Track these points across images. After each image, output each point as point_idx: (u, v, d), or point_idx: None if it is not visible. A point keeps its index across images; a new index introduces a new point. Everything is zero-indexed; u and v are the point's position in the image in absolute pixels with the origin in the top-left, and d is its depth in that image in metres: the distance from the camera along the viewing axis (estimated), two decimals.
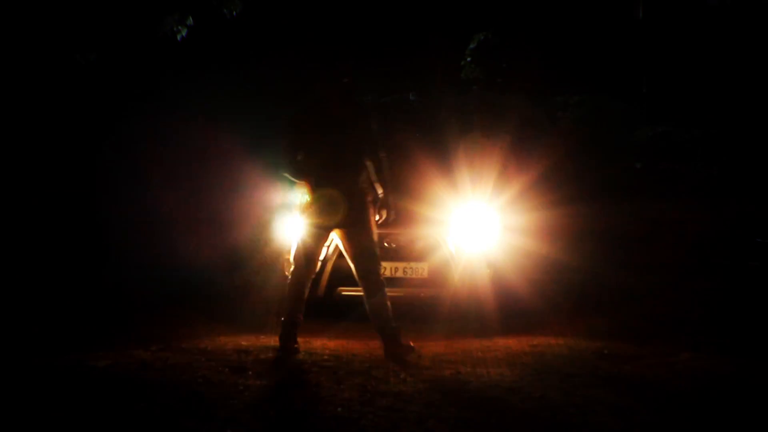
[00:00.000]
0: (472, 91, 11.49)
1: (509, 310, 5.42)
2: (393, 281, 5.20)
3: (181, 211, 7.73)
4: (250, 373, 4.13)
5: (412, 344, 4.59)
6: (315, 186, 4.57)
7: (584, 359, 4.53)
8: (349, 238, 4.62)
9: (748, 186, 9.49)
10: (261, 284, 5.78)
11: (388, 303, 4.60)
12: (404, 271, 5.41)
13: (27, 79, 7.72)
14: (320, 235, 4.64)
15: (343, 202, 4.57)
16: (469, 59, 11.92)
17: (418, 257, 5.45)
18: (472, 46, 11.88)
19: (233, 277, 6.28)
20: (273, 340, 4.76)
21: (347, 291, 5.24)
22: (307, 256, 4.64)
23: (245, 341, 4.99)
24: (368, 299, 4.59)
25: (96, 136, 8.57)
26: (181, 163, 8.38)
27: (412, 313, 5.22)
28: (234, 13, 8.02)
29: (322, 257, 4.92)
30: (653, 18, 12.02)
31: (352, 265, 4.64)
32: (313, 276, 4.73)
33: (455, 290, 5.39)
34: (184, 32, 7.92)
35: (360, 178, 4.65)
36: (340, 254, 4.82)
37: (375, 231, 4.66)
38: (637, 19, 12.19)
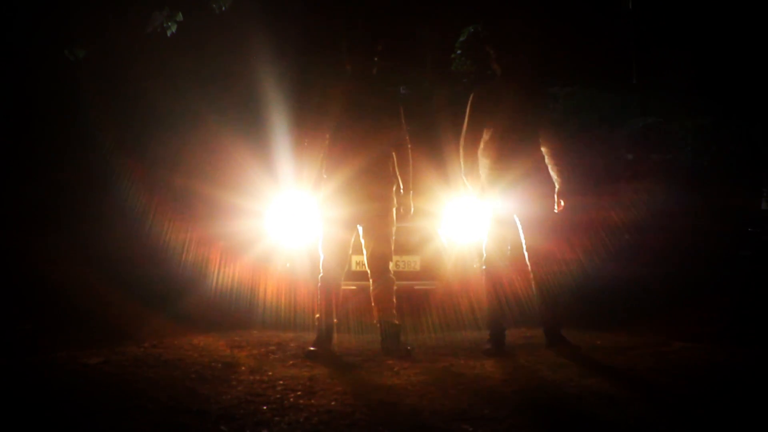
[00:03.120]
0: (463, 83, 11.45)
1: (502, 302, 5.42)
2: None
3: (171, 207, 7.70)
4: (243, 368, 4.13)
5: (409, 348, 4.51)
6: (338, 173, 4.42)
7: (577, 350, 4.54)
8: (370, 228, 4.50)
9: (739, 176, 9.52)
10: (253, 280, 5.76)
11: (395, 299, 4.53)
12: (397, 264, 5.39)
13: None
14: (349, 229, 4.50)
15: (370, 193, 4.44)
16: (458, 52, 11.90)
17: (411, 250, 5.45)
18: (461, 38, 11.87)
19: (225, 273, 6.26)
20: (265, 335, 4.75)
21: (345, 285, 5.22)
22: (337, 253, 4.49)
23: (238, 336, 4.99)
24: (375, 291, 4.52)
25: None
26: (172, 160, 8.33)
27: (404, 306, 5.21)
28: (223, 8, 7.97)
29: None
30: (643, 8, 12.05)
31: (365, 256, 4.54)
32: (344, 272, 4.55)
33: (448, 283, 5.39)
34: (174, 28, 7.87)
35: (386, 167, 4.51)
36: None
37: (395, 224, 4.55)
38: (626, 9, 12.22)
